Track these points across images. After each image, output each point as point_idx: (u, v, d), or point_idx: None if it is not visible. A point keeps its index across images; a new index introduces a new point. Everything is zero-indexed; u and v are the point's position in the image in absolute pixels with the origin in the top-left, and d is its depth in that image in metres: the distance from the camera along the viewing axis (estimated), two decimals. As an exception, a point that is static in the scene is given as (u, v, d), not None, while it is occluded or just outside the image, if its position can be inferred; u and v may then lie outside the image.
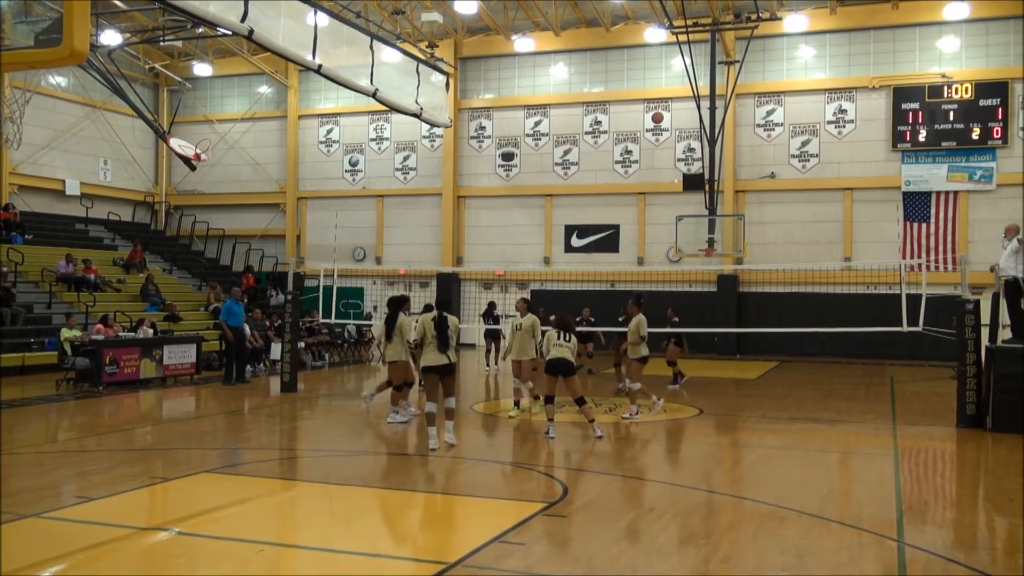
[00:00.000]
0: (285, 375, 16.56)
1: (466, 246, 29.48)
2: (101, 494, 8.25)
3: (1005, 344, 12.73)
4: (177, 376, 18.06)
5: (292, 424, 13.57)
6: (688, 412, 14.36)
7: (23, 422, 12.87)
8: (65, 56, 7.40)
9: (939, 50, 25.00)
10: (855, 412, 14.70)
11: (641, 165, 27.60)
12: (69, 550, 6.66)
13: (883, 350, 23.65)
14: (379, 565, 6.48)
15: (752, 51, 25.44)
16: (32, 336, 19.49)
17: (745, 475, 9.84)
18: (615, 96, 27.91)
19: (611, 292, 27.20)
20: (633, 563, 6.34)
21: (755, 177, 26.53)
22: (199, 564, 6.37)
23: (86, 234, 27.75)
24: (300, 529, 7.60)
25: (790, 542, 6.89)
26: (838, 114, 25.87)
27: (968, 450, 11.44)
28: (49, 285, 21.84)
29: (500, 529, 7.10)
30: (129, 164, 31.21)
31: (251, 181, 31.90)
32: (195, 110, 32.02)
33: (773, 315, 24.85)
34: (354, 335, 24.92)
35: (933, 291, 17.21)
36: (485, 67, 29.41)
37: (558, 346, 11.59)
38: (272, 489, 9.03)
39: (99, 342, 16.76)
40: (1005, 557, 6.83)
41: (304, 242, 31.15)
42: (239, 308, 17.98)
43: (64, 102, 28.63)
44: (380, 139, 30.44)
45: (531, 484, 9.24)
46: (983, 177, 24.31)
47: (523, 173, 28.82)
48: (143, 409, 15.12)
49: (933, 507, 8.57)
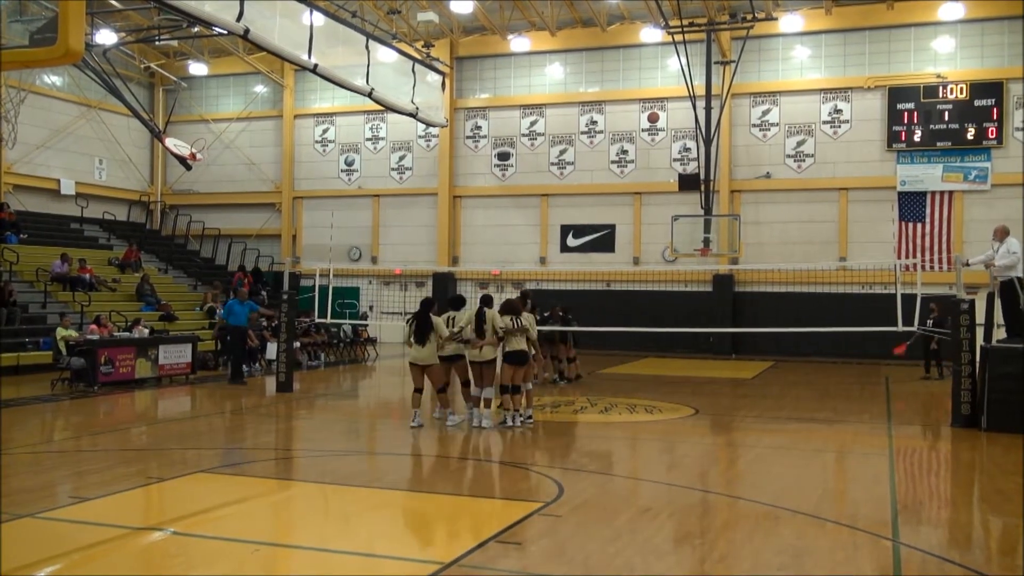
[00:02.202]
0: (281, 375, 16.54)
1: (462, 246, 29.47)
2: (97, 494, 8.23)
3: (1000, 344, 12.75)
4: (172, 376, 18.03)
5: (288, 424, 13.55)
6: (684, 412, 14.37)
7: (18, 422, 12.83)
8: (60, 55, 7.40)
9: (934, 50, 25.05)
10: (851, 412, 14.72)
11: (637, 165, 27.62)
12: (65, 550, 6.65)
13: (879, 350, 23.66)
14: (375, 565, 6.47)
15: (748, 51, 25.46)
16: (27, 336, 19.43)
17: (741, 475, 9.85)
18: (611, 96, 27.92)
19: (607, 292, 27.27)
20: (629, 563, 6.34)
21: (751, 177, 26.56)
22: (195, 564, 6.37)
23: (81, 234, 27.69)
24: (296, 529, 7.59)
25: (786, 542, 6.90)
26: (833, 114, 25.90)
27: (963, 450, 11.47)
28: (44, 285, 21.79)
29: (496, 529, 7.10)
30: (124, 164, 31.15)
31: (247, 181, 31.86)
32: (191, 109, 31.96)
33: (769, 315, 24.84)
34: (350, 335, 24.90)
35: (928, 291, 17.25)
36: (481, 67, 29.40)
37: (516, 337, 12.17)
38: (268, 489, 9.02)
39: (94, 342, 16.72)
40: (1000, 556, 6.85)
41: (300, 242, 31.12)
42: (241, 308, 17.97)
43: (59, 101, 28.56)
44: (376, 139, 30.42)
45: (527, 484, 9.24)
46: (978, 177, 24.36)
47: (519, 173, 28.82)
48: (138, 409, 15.09)
49: (928, 507, 8.59)
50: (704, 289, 26.55)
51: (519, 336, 12.14)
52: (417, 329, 12.08)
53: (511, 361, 12.12)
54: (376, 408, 16.48)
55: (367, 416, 15.12)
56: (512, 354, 12.11)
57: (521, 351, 12.12)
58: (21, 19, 8.20)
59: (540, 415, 13.31)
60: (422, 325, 12.02)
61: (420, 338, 12.03)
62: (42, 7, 9.62)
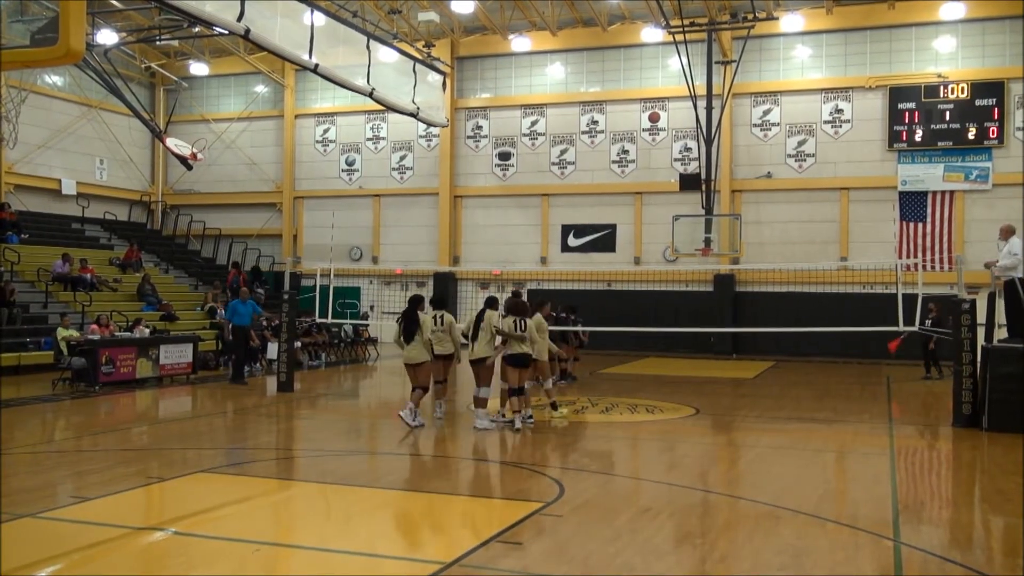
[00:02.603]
0: (281, 375, 16.54)
1: (463, 246, 29.47)
2: (97, 494, 8.23)
3: (1001, 344, 12.75)
4: (173, 376, 18.03)
5: (289, 424, 13.55)
6: (684, 412, 14.36)
7: (19, 422, 12.84)
8: (61, 55, 7.40)
9: (935, 50, 25.04)
10: (851, 412, 14.71)
11: (638, 165, 27.61)
12: (65, 550, 6.65)
13: (879, 350, 23.64)
14: (375, 565, 6.47)
15: (748, 51, 25.45)
16: (28, 336, 19.44)
17: (741, 475, 9.85)
18: (612, 96, 27.92)
19: (608, 292, 27.27)
20: (630, 563, 6.33)
21: (751, 177, 26.55)
22: (195, 564, 6.36)
23: (82, 233, 27.70)
24: (296, 529, 7.58)
25: (786, 542, 6.89)
26: (834, 114, 25.89)
27: (964, 450, 11.46)
28: (45, 285, 21.79)
29: (497, 529, 7.10)
30: (125, 163, 31.16)
31: (247, 181, 31.87)
32: (191, 109, 31.97)
33: (769, 315, 24.84)
34: (351, 335, 24.90)
35: (929, 291, 17.23)
36: (482, 67, 29.40)
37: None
38: (268, 489, 9.02)
39: (95, 342, 16.72)
40: (1001, 556, 6.84)
41: (301, 242, 31.13)
42: (244, 308, 17.97)
43: (60, 101, 28.58)
44: (377, 139, 30.43)
45: (527, 483, 9.23)
46: (979, 177, 24.35)
47: (519, 173, 28.83)
48: (139, 409, 15.10)
49: (929, 506, 8.59)
50: (705, 289, 26.54)
51: (519, 340, 11.96)
52: (406, 328, 12.01)
53: (512, 363, 12.00)
54: (377, 408, 16.47)
55: (368, 416, 15.12)
56: (512, 356, 12.00)
57: (522, 354, 11.97)
58: (22, 19, 8.22)
59: (540, 415, 13.31)
60: (410, 323, 11.96)
61: (408, 336, 11.96)
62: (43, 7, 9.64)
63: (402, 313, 12.29)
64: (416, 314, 12.05)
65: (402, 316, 12.21)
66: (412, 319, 12.03)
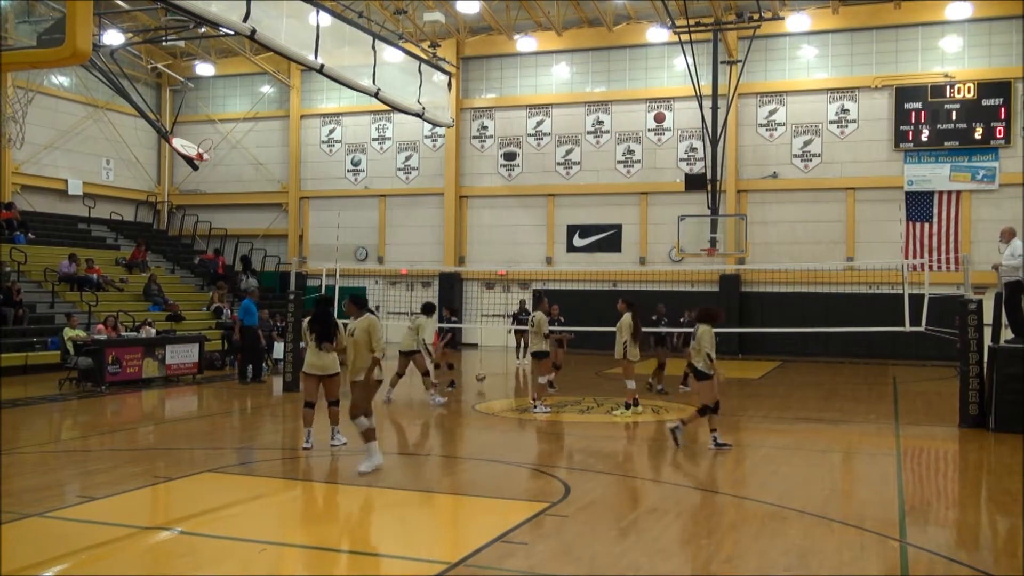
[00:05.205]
0: (287, 375, 16.56)
1: (468, 246, 29.48)
2: (104, 493, 8.26)
3: (1008, 344, 12.70)
4: (180, 376, 18.07)
5: (294, 424, 13.53)
6: (690, 412, 14.31)
7: (26, 421, 12.89)
8: (67, 56, 7.41)
9: (942, 50, 24.97)
10: (858, 412, 14.68)
11: (643, 165, 27.58)
12: (72, 549, 6.67)
13: (886, 350, 23.62)
14: (381, 565, 6.48)
15: (754, 51, 25.41)
16: (35, 336, 19.50)
17: (748, 475, 9.83)
18: (617, 96, 27.90)
19: (613, 292, 27.21)
20: (635, 563, 6.33)
21: (757, 177, 26.51)
22: (202, 564, 6.38)
23: (89, 234, 27.77)
24: (302, 529, 7.59)
25: (793, 542, 6.88)
26: (840, 114, 25.84)
27: (971, 450, 11.43)
28: (52, 285, 21.87)
29: (503, 529, 7.10)
30: (132, 164, 31.23)
31: (253, 181, 31.92)
32: (197, 110, 32.03)
33: (775, 315, 24.81)
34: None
35: (936, 291, 17.19)
36: (487, 67, 29.41)
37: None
38: (274, 488, 9.04)
39: (102, 342, 16.77)
40: (1008, 557, 6.82)
41: (306, 242, 31.16)
42: (256, 308, 18.01)
43: (67, 102, 28.65)
44: (382, 139, 30.44)
45: (533, 484, 9.24)
46: (986, 177, 24.28)
47: (525, 173, 28.82)
48: (146, 409, 15.13)
49: (936, 507, 8.57)
50: (711, 289, 26.49)
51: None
52: (318, 332, 9.99)
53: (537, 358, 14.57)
54: (381, 407, 16.46)
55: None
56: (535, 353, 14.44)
57: (539, 351, 14.24)
58: (29, 20, 8.23)
59: (543, 415, 13.30)
60: (323, 327, 9.98)
61: (320, 342, 10.01)
62: (50, 8, 9.66)
63: (312, 315, 10.30)
64: (329, 316, 10.14)
65: (312, 319, 10.24)
66: (326, 322, 10.06)
